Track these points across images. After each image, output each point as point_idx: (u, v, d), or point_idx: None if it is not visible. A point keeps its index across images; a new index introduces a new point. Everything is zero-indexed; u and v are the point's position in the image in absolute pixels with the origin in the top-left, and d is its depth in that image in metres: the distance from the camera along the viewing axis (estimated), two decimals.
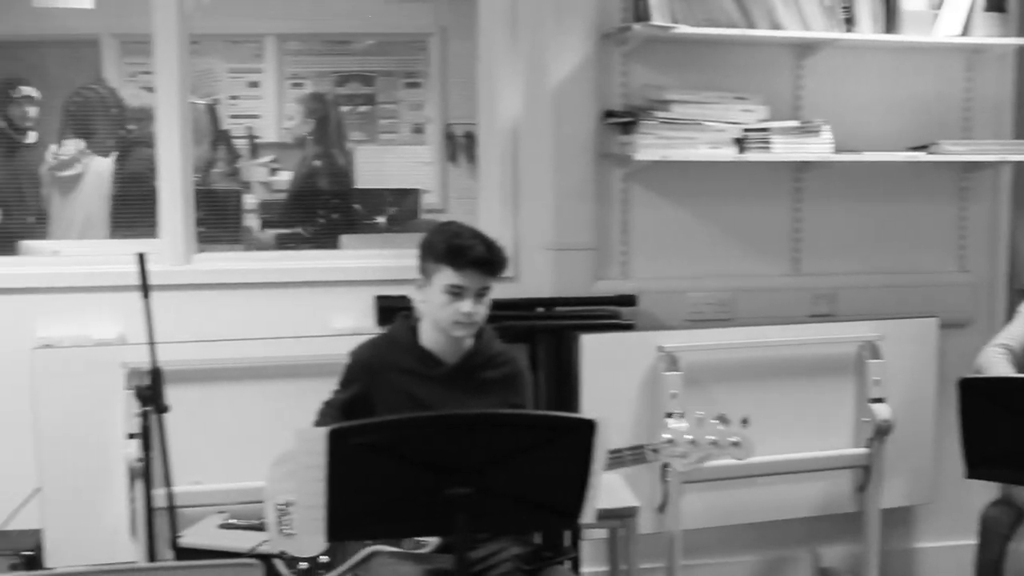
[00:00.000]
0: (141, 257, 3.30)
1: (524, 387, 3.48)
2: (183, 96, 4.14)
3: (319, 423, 3.44)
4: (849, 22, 4.37)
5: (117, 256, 4.28)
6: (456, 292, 3.22)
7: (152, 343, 3.30)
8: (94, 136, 5.85)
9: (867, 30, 4.38)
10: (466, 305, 3.22)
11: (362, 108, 7.62)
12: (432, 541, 3.25)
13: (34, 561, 3.94)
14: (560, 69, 4.29)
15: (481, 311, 3.26)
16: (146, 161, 5.91)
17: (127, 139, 6.04)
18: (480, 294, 3.25)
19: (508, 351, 3.48)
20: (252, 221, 6.70)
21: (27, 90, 6.19)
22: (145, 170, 5.66)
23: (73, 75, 6.45)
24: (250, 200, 6.77)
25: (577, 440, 2.71)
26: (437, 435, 2.68)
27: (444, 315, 3.24)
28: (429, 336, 3.34)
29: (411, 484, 2.67)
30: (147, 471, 3.59)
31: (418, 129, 7.77)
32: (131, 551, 3.94)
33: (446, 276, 3.22)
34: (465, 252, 3.21)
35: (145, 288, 3.28)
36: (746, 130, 4.31)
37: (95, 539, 3.97)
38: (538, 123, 4.34)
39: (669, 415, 3.31)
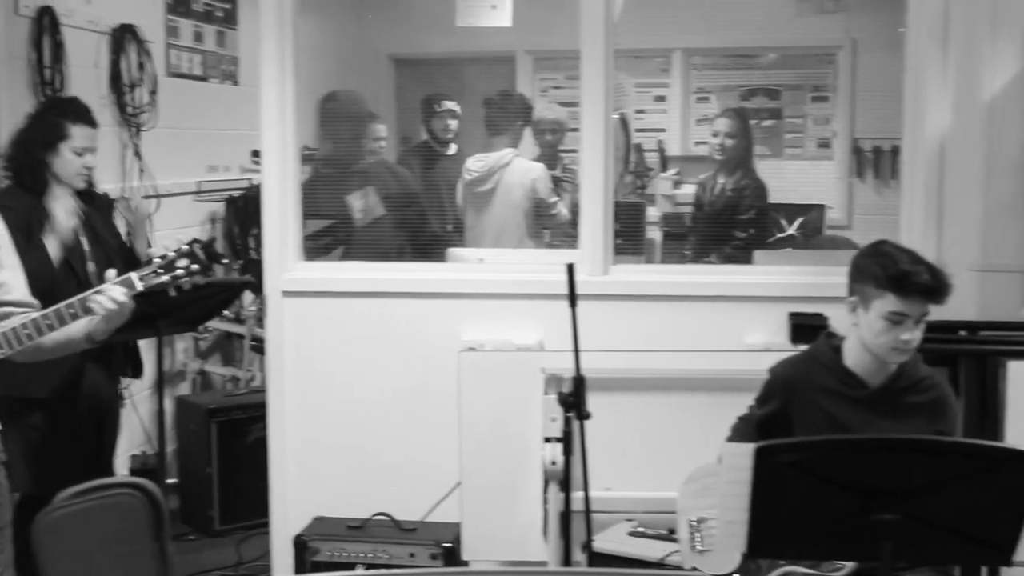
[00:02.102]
0: (570, 268, 3.39)
1: (950, 413, 3.34)
2: (607, 110, 4.24)
3: (732, 438, 3.43)
4: None
5: (538, 265, 4.45)
6: (897, 320, 3.13)
7: (577, 351, 3.38)
8: (503, 136, 6.07)
9: None
10: (906, 332, 3.13)
11: (767, 122, 7.57)
12: (848, 565, 3.17)
13: (452, 553, 4.13)
14: (994, 81, 4.10)
15: (918, 336, 3.16)
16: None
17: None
18: (919, 320, 3.15)
19: (934, 375, 3.35)
20: (654, 233, 6.78)
21: (449, 104, 6.50)
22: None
23: (489, 89, 6.72)
24: (653, 212, 6.85)
25: (1017, 473, 2.57)
26: (866, 458, 2.62)
27: (882, 341, 3.16)
28: (854, 357, 3.27)
29: (836, 506, 2.62)
30: (566, 475, 3.69)
31: (823, 143, 7.63)
32: (542, 551, 4.06)
33: (888, 303, 3.13)
34: (911, 280, 3.11)
35: (573, 298, 3.37)
36: None
37: (509, 536, 4.13)
38: (968, 137, 4.16)
39: None
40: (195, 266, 3.16)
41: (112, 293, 3.14)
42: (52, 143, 4.16)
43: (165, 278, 3.16)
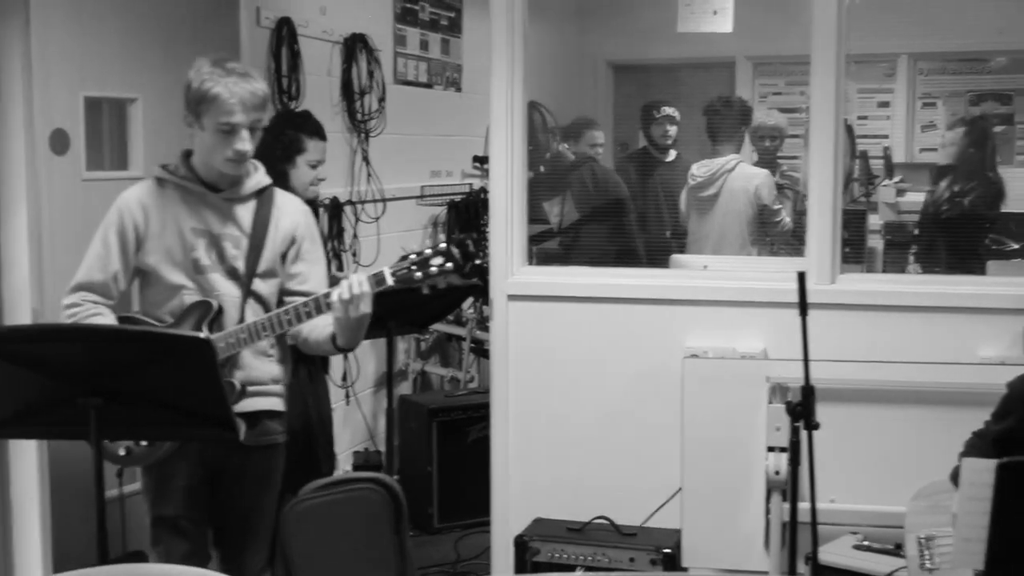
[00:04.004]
0: (802, 276, 3.35)
1: None
2: (838, 117, 4.17)
3: (967, 454, 3.33)
4: None
5: (762, 272, 4.42)
6: None
7: (806, 360, 3.34)
8: (727, 143, 6.04)
9: None
10: None
11: (997, 128, 7.33)
12: None
13: (672, 559, 4.12)
14: None
15: None
16: None
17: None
18: None
19: None
20: (875, 242, 6.65)
21: (668, 110, 6.50)
22: None
23: (709, 95, 6.70)
24: (874, 220, 6.71)
25: None
26: None
27: None
28: None
29: None
30: (794, 485, 3.65)
31: None
32: (763, 561, 4.02)
33: None
34: None
35: (803, 306, 3.33)
36: None
37: (729, 544, 4.10)
38: None
39: None
40: (449, 264, 3.20)
41: (352, 281, 3.23)
42: (291, 156, 4.37)
43: (418, 275, 3.21)
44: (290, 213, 3.54)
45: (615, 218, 5.94)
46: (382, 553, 3.21)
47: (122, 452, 3.40)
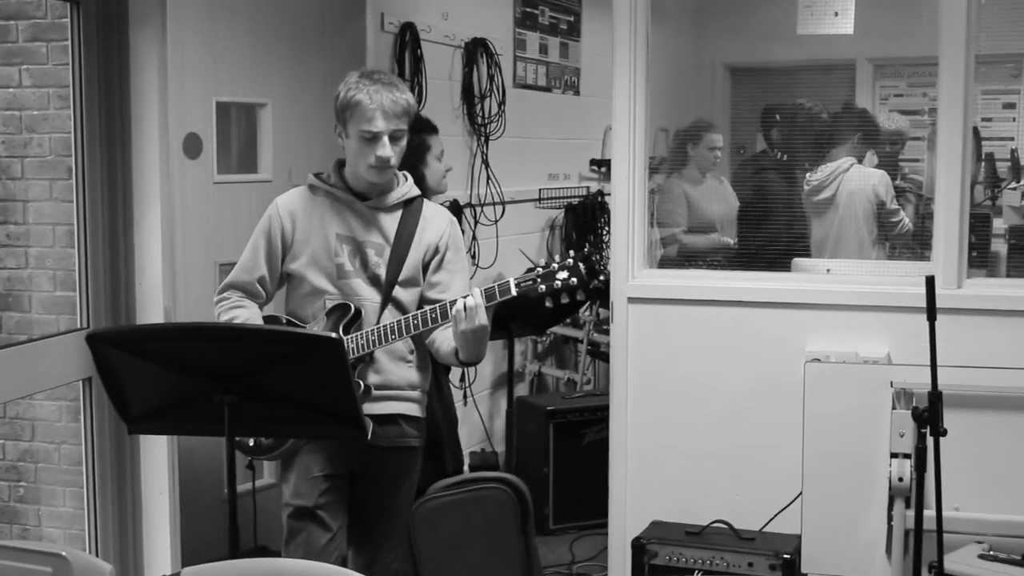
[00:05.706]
0: (930, 281, 3.32)
1: None
2: (967, 119, 4.12)
3: None
4: None
5: (885, 276, 4.38)
6: None
7: (934, 366, 3.31)
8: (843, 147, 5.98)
9: None
10: None
11: None
12: None
13: (792, 565, 4.10)
14: None
15: None
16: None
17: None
18: None
19: None
20: (999, 246, 6.51)
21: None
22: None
23: (826, 99, 6.62)
24: (997, 224, 6.58)
25: None
26: None
27: None
28: None
29: None
30: (919, 493, 3.61)
31: None
32: (885, 569, 3.98)
33: None
34: None
35: (932, 311, 3.30)
36: None
37: (850, 551, 4.05)
38: None
39: None
40: (574, 280, 3.23)
41: (472, 292, 3.29)
42: (422, 155, 4.44)
43: (542, 288, 3.25)
44: (436, 224, 3.61)
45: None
46: (508, 552, 3.25)
47: (251, 443, 3.51)
